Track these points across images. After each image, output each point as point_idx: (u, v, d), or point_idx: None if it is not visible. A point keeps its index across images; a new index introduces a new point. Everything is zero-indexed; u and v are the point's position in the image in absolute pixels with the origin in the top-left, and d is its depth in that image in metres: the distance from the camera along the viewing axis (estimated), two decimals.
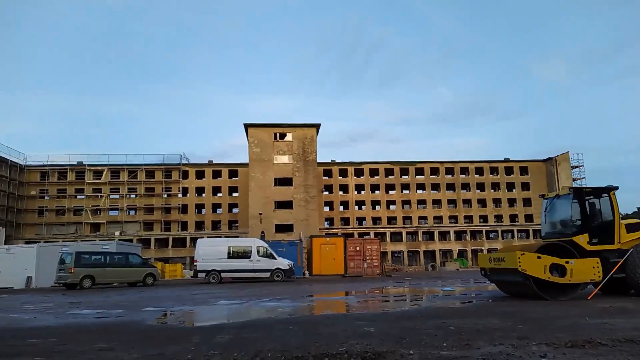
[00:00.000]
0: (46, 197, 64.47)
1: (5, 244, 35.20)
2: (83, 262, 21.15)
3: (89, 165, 65.18)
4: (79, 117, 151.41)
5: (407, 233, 68.86)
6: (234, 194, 68.23)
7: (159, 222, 65.67)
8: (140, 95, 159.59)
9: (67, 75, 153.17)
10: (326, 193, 69.78)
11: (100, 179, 65.28)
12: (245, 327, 7.12)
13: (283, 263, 24.89)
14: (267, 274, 24.38)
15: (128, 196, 65.71)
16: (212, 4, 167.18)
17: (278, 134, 57.35)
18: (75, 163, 65.39)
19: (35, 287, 24.89)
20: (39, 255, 25.81)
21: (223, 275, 24.24)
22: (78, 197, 64.74)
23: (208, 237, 48.91)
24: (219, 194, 68.38)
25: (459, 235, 69.70)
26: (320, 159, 61.21)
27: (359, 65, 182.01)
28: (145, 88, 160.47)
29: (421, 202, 71.48)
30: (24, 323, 8.46)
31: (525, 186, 71.19)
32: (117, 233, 61.36)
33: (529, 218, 70.56)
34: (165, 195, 66.12)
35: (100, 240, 48.11)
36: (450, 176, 71.56)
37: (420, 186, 71.59)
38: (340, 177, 70.54)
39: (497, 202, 71.87)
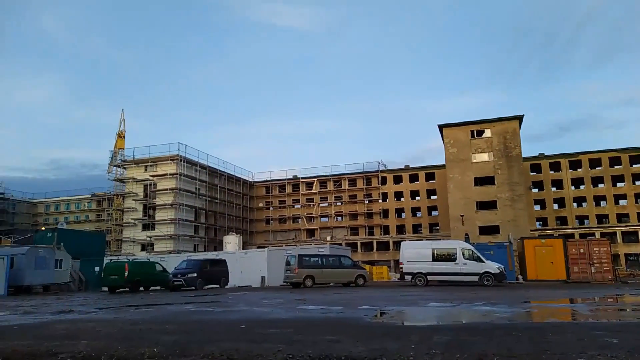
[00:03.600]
0: (270, 208, 74.82)
1: (242, 249, 42.03)
2: (305, 263, 23.66)
3: (302, 177, 73.19)
4: (293, 137, 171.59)
5: None
6: (432, 197, 67.50)
7: (363, 227, 69.39)
8: (339, 111, 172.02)
9: (280, 103, 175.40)
10: (535, 190, 63.23)
11: (311, 189, 72.53)
12: (462, 329, 6.98)
13: (492, 266, 23.43)
14: (475, 278, 23.28)
15: (335, 204, 71.42)
16: (390, 8, 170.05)
17: (475, 132, 54.60)
18: (292, 177, 74.18)
19: (268, 285, 28.87)
20: (269, 258, 29.94)
21: (429, 278, 24.11)
22: (295, 206, 73.20)
23: (410, 240, 49.46)
24: (417, 198, 68.56)
25: None
26: (525, 153, 55.91)
27: (563, 46, 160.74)
28: (343, 105, 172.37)
29: None
30: (264, 315, 9.92)
31: None
32: (328, 238, 67.01)
33: None
34: (366, 202, 69.56)
35: (315, 244, 53.29)
36: None
37: None
38: (552, 172, 63.00)
39: None
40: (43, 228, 43.76)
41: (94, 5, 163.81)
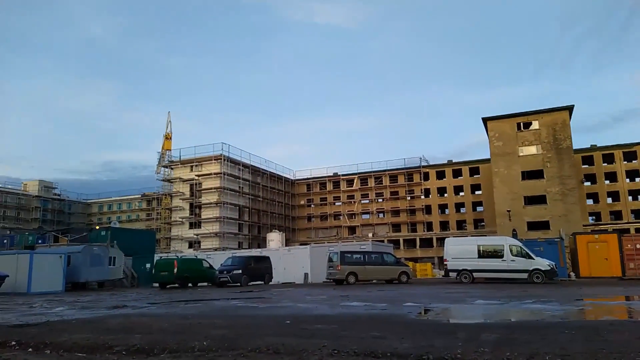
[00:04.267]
0: (312, 206, 75.29)
1: (285, 246, 42.56)
2: (347, 260, 23.69)
3: (342, 175, 73.18)
4: (333, 134, 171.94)
5: None
6: (477, 192, 65.82)
7: (405, 224, 68.60)
8: (379, 107, 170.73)
9: (319, 101, 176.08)
10: (587, 184, 60.36)
11: (352, 186, 72.39)
12: (511, 327, 6.79)
13: (542, 263, 22.59)
14: (524, 275, 22.52)
15: (376, 200, 71.00)
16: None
17: (522, 124, 52.69)
18: (332, 174, 74.34)
19: (311, 282, 29.10)
20: (312, 255, 30.15)
21: (475, 275, 23.54)
22: (336, 203, 73.29)
23: (454, 237, 48.45)
24: (461, 193, 67.06)
25: None
26: (576, 145, 53.43)
27: (615, 33, 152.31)
28: (386, 99, 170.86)
29: None
30: (309, 311, 10.02)
31: None
32: (370, 235, 66.70)
33: None
34: (408, 198, 68.69)
35: (356, 241, 53.19)
36: None
37: None
38: (605, 164, 59.89)
39: None
40: (97, 227, 45.91)
41: (140, 12, 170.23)
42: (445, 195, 67.91)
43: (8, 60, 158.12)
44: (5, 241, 41.86)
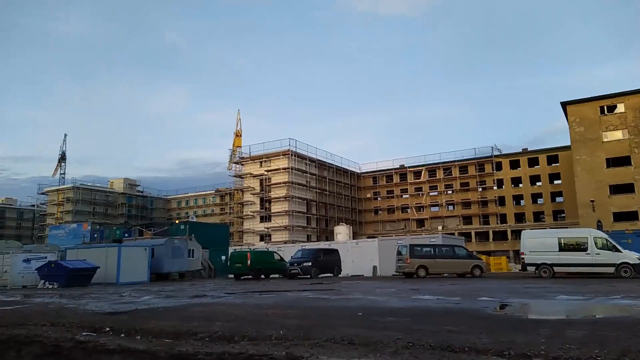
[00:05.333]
0: (378, 199, 74.79)
1: (352, 239, 42.66)
2: (416, 253, 23.32)
3: (409, 167, 71.92)
4: (398, 126, 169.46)
5: None
6: (556, 182, 61.95)
7: (477, 216, 66.17)
8: (446, 96, 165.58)
9: (385, 92, 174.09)
10: None
11: (419, 178, 70.97)
12: (598, 323, 6.39)
13: (631, 257, 20.86)
14: (611, 269, 20.93)
15: (445, 192, 69.09)
16: None
17: (605, 107, 48.66)
18: (398, 166, 73.30)
19: (379, 275, 29.01)
20: (380, 248, 30.02)
21: (555, 269, 22.25)
22: (403, 196, 72.22)
23: (530, 229, 46.02)
24: (538, 183, 63.45)
25: None
26: None
27: None
28: (451, 90, 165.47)
29: None
30: (380, 304, 10.02)
31: None
32: (439, 227, 65.09)
33: None
34: (480, 189, 66.14)
35: (425, 234, 52.15)
36: None
37: None
38: None
39: None
40: (177, 221, 48.83)
41: (209, 15, 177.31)
42: (520, 185, 64.60)
43: (95, 69, 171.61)
44: (95, 235, 45.72)
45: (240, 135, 72.21)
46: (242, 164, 66.63)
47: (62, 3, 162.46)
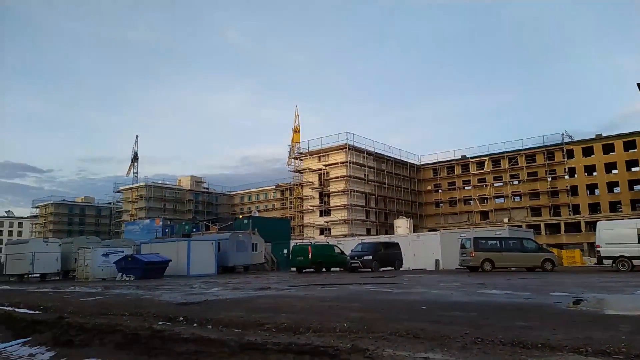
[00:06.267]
0: (439, 191, 73.03)
1: (413, 233, 41.99)
2: (481, 246, 22.57)
3: (471, 157, 69.53)
4: (459, 115, 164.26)
5: None
6: (634, 169, 57.47)
7: (546, 207, 62.79)
8: (511, 82, 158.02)
9: (445, 81, 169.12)
10: None
11: (483, 169, 68.43)
12: None
13: None
14: None
15: (511, 183, 66.14)
16: None
17: None
18: (460, 157, 71.07)
19: (442, 268, 28.39)
20: (442, 241, 29.35)
21: (634, 262, 20.74)
22: (465, 188, 69.98)
23: (607, 220, 42.99)
24: (614, 171, 59.16)
25: None
26: None
27: None
28: (516, 75, 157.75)
29: None
30: (444, 298, 9.81)
31: None
32: (505, 220, 62.48)
33: None
34: (549, 179, 62.69)
35: (490, 227, 50.27)
36: None
37: None
38: None
39: None
40: (240, 216, 50.52)
41: (266, 14, 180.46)
42: (595, 174, 60.52)
43: (163, 72, 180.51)
44: (167, 230, 48.34)
45: (299, 131, 73.18)
46: (301, 159, 67.50)
47: (127, 11, 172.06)
